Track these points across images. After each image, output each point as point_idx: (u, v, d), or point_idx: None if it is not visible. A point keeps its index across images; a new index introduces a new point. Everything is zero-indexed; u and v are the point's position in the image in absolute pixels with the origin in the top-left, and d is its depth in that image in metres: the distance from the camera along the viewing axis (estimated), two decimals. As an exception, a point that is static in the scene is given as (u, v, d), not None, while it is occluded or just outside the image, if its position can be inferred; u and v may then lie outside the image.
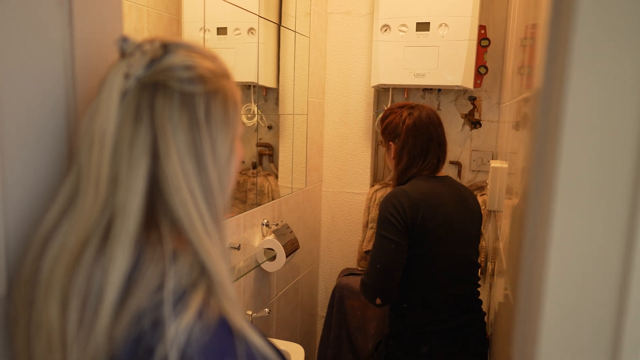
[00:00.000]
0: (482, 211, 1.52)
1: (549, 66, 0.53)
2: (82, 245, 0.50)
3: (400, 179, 1.43)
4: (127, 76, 0.53)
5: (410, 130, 1.39)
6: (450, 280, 1.35)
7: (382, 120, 1.49)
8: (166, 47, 0.55)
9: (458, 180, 2.20)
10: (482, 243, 2.04)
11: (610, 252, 0.46)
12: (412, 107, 1.44)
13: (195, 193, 0.52)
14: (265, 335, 0.64)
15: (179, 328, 0.47)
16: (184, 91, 0.53)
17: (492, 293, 1.49)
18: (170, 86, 0.53)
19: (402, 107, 1.45)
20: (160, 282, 0.49)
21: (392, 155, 1.45)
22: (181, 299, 0.49)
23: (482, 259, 2.04)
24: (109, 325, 0.48)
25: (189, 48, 0.56)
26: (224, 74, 0.58)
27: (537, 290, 0.49)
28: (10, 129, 0.54)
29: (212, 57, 0.58)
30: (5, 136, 0.54)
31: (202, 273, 0.52)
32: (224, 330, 0.50)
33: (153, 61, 0.54)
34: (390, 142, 1.45)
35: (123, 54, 0.55)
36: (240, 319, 0.52)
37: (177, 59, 0.54)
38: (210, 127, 0.54)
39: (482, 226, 2.03)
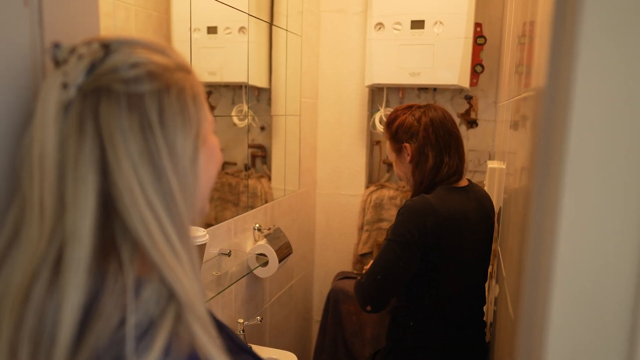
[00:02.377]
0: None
1: (552, 63, 0.50)
2: (30, 281, 0.45)
3: (425, 182, 1.32)
4: (65, 86, 0.47)
5: (429, 126, 1.30)
6: (461, 301, 1.31)
7: (390, 123, 1.38)
8: (107, 47, 0.49)
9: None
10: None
11: (622, 259, 0.43)
12: (421, 106, 1.36)
13: (155, 206, 0.47)
14: (249, 349, 0.60)
15: None
16: (131, 92, 0.47)
17: (490, 297, 1.45)
18: (114, 89, 0.47)
19: (409, 107, 1.36)
20: (122, 316, 0.44)
21: (409, 157, 1.33)
22: (146, 333, 0.44)
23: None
24: None
25: (134, 44, 0.51)
26: (178, 67, 0.52)
27: (542, 303, 0.46)
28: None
29: (163, 50, 0.53)
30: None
31: (170, 298, 0.47)
32: None
33: (93, 65, 0.48)
34: (406, 144, 1.33)
35: (57, 63, 0.49)
36: (212, 349, 0.47)
37: (120, 57, 0.48)
38: (166, 128, 0.49)
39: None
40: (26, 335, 0.44)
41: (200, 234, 1.09)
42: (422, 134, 1.31)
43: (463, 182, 1.35)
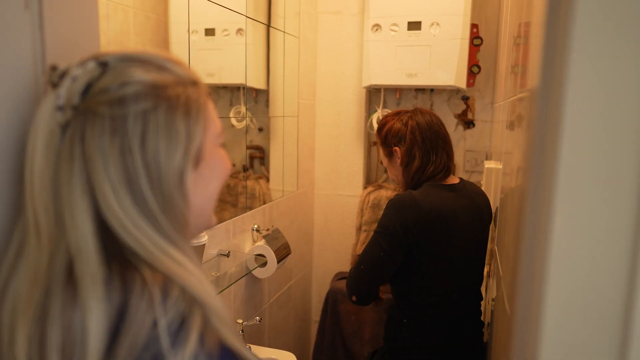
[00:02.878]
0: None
1: (546, 64, 0.51)
2: (42, 297, 0.46)
3: (414, 181, 1.36)
4: (60, 108, 0.48)
5: (416, 129, 1.36)
6: (453, 298, 1.32)
7: (380, 129, 1.44)
8: (105, 65, 0.50)
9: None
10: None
11: (614, 257, 0.43)
12: (409, 111, 1.41)
13: (141, 226, 0.48)
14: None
15: (184, 359, 0.44)
16: (115, 115, 0.48)
17: (488, 296, 1.46)
18: (99, 112, 0.48)
19: (397, 113, 1.42)
20: (154, 318, 0.45)
21: (400, 160, 1.38)
22: (180, 328, 0.46)
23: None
24: None
25: (132, 59, 0.51)
26: (177, 81, 0.52)
27: (537, 300, 0.47)
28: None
29: (161, 65, 0.52)
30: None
31: (193, 299, 0.49)
32: (227, 356, 0.48)
33: (90, 84, 0.49)
34: (396, 148, 1.38)
35: (53, 85, 0.50)
36: (238, 344, 0.49)
37: (111, 77, 0.49)
38: (146, 150, 0.48)
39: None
40: (53, 349, 0.45)
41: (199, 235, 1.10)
42: (409, 137, 1.36)
43: (453, 180, 1.38)
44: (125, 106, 0.48)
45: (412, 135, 1.36)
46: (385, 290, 1.49)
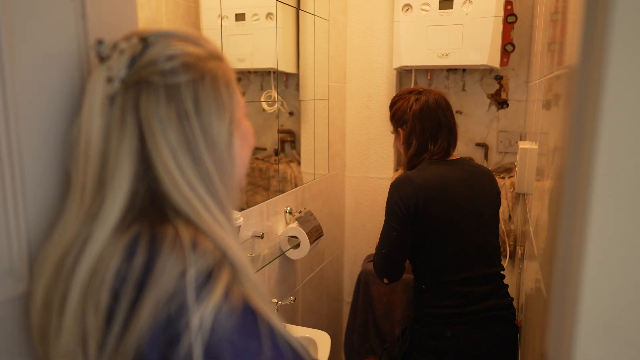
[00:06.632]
0: (501, 192, 1.51)
1: (585, 39, 0.49)
2: (65, 251, 0.51)
3: (411, 164, 1.44)
4: (109, 80, 0.51)
5: (417, 116, 1.40)
6: (465, 263, 1.35)
7: (391, 106, 1.49)
8: (146, 40, 0.53)
9: (484, 162, 2.15)
10: (511, 227, 1.99)
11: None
12: (419, 92, 1.44)
13: (196, 187, 0.51)
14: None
15: (206, 311, 0.46)
16: (168, 84, 0.51)
17: (522, 278, 1.45)
18: (153, 82, 0.51)
19: (410, 92, 1.45)
20: (182, 269, 0.48)
21: (401, 141, 1.46)
22: (207, 282, 0.48)
23: (512, 243, 1.99)
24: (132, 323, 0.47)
25: (170, 36, 0.54)
26: (212, 56, 0.55)
27: (574, 281, 0.46)
28: (26, 127, 0.54)
29: (196, 40, 0.56)
30: (22, 135, 0.53)
31: (224, 256, 0.51)
32: (248, 313, 0.50)
33: (134, 58, 0.51)
34: (399, 129, 1.45)
35: (101, 58, 0.53)
36: (262, 304, 0.51)
37: (157, 50, 0.52)
38: (201, 116, 0.52)
39: (510, 209, 1.98)
40: (104, 291, 0.48)
41: (235, 217, 1.13)
42: (410, 123, 1.42)
43: (452, 157, 1.44)
44: (178, 76, 0.51)
45: (412, 123, 1.41)
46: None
